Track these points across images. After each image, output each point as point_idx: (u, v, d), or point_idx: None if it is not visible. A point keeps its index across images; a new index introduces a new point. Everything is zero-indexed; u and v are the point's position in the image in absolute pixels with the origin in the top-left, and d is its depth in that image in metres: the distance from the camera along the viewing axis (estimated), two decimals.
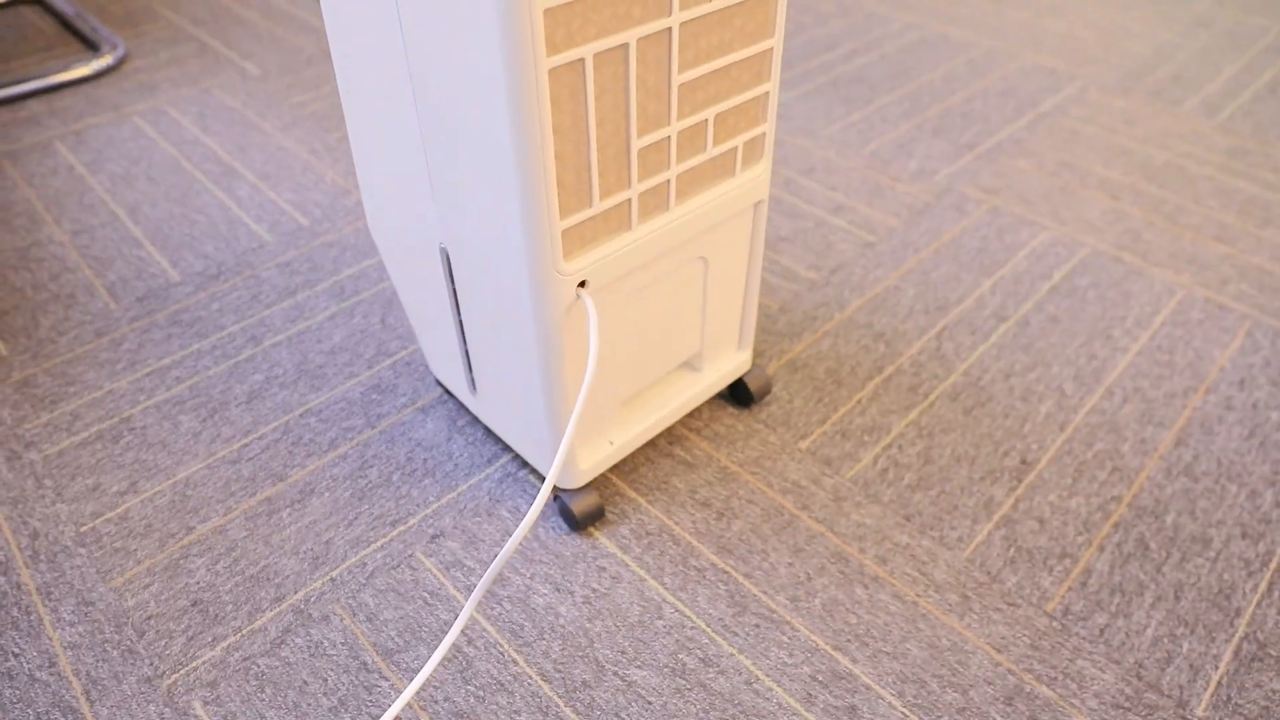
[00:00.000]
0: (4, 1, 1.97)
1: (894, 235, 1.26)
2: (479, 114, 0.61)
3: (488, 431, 0.97)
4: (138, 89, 1.65)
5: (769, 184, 0.82)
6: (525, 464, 0.94)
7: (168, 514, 0.91)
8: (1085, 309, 1.14)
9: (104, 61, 1.69)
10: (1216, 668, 0.78)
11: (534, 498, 0.91)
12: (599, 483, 0.92)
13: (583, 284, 0.70)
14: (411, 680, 0.75)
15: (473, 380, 0.89)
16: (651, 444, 0.96)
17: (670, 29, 0.64)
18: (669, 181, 0.71)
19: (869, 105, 1.59)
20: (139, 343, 1.10)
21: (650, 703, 0.75)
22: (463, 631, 0.80)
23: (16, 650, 0.80)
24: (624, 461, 0.94)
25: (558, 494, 0.86)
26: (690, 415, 0.99)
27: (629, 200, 0.69)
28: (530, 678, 0.76)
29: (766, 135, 0.78)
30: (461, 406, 1.00)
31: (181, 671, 0.78)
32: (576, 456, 0.83)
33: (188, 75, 1.69)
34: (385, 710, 0.75)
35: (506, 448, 0.95)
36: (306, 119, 1.54)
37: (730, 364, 0.94)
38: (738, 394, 0.99)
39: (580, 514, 0.85)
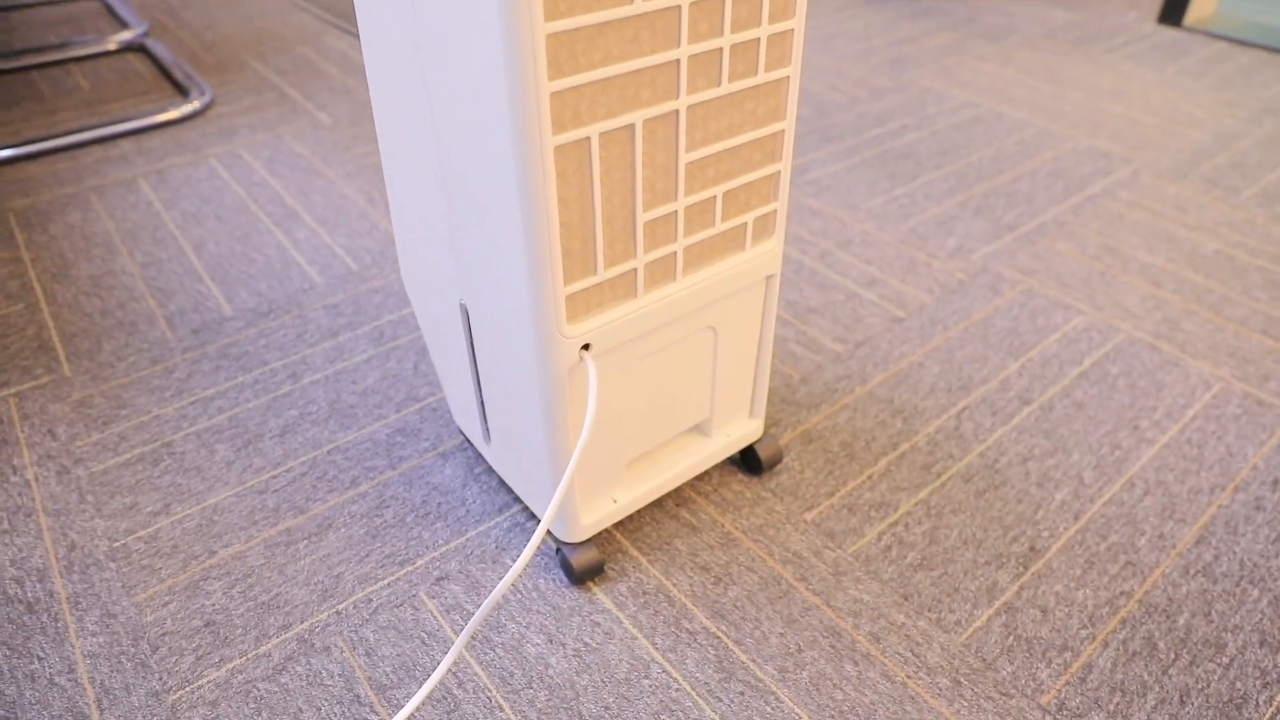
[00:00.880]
0: (114, 49, 2.13)
1: (924, 312, 1.27)
2: (491, 182, 0.65)
3: (501, 481, 1.00)
4: (218, 133, 1.76)
5: (781, 259, 0.84)
6: (534, 515, 0.96)
7: (194, 537, 0.95)
8: (1114, 397, 1.13)
9: (191, 106, 1.81)
10: None
11: (543, 550, 0.93)
12: (602, 538, 0.94)
13: (586, 347, 0.73)
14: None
15: (487, 430, 0.92)
16: (658, 504, 0.97)
17: (678, 111, 0.67)
18: (676, 253, 0.74)
19: (914, 181, 1.61)
20: (188, 372, 1.16)
21: None
22: (454, 674, 0.82)
23: (41, 654, 0.85)
24: (629, 519, 0.96)
25: (559, 546, 0.89)
26: (699, 478, 1.00)
27: (634, 270, 0.72)
28: None
29: (778, 212, 0.80)
30: (479, 455, 1.03)
31: (187, 689, 0.81)
32: (578, 512, 0.85)
33: (265, 122, 1.80)
34: None
35: (518, 498, 0.98)
36: (368, 169, 1.63)
37: (740, 431, 0.96)
38: (748, 461, 1.00)
39: (579, 568, 0.87)
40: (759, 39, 0.69)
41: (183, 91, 1.91)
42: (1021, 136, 1.78)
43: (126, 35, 2.16)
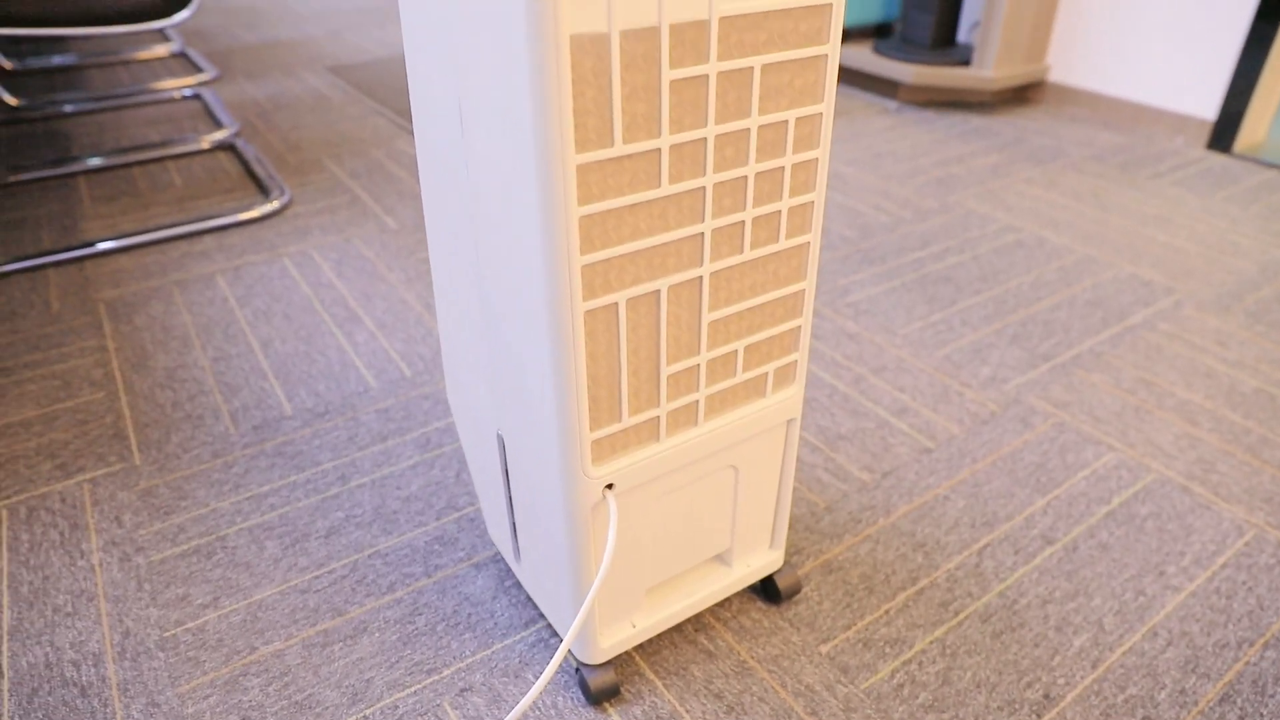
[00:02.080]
0: (207, 148, 2.30)
1: (953, 443, 1.29)
2: (526, 337, 0.72)
3: (529, 596, 1.04)
4: (293, 232, 1.89)
5: (802, 404, 0.88)
6: (557, 633, 1.00)
7: (238, 632, 1.01)
8: (1141, 540, 1.13)
9: (271, 206, 1.95)
10: None
11: (563, 667, 0.96)
12: (621, 660, 0.97)
13: (610, 486, 0.78)
14: None
15: (517, 548, 0.97)
16: (677, 628, 1.00)
17: (702, 277, 0.73)
18: (698, 401, 0.79)
19: (952, 306, 1.65)
20: (246, 468, 1.24)
21: None
22: None
23: None
24: (649, 642, 0.99)
25: (579, 666, 0.92)
26: (719, 604, 1.03)
27: (658, 417, 0.77)
28: None
29: (799, 362, 0.85)
30: (509, 569, 1.08)
31: None
32: (598, 635, 0.89)
33: (336, 224, 1.92)
34: None
35: (543, 614, 1.02)
36: (427, 275, 1.73)
37: (761, 561, 0.99)
38: (768, 589, 1.03)
39: (596, 689, 0.90)
40: (780, 211, 0.75)
41: (264, 191, 2.06)
42: (1062, 263, 1.81)
43: (219, 135, 2.33)
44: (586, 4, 0.57)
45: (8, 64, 2.95)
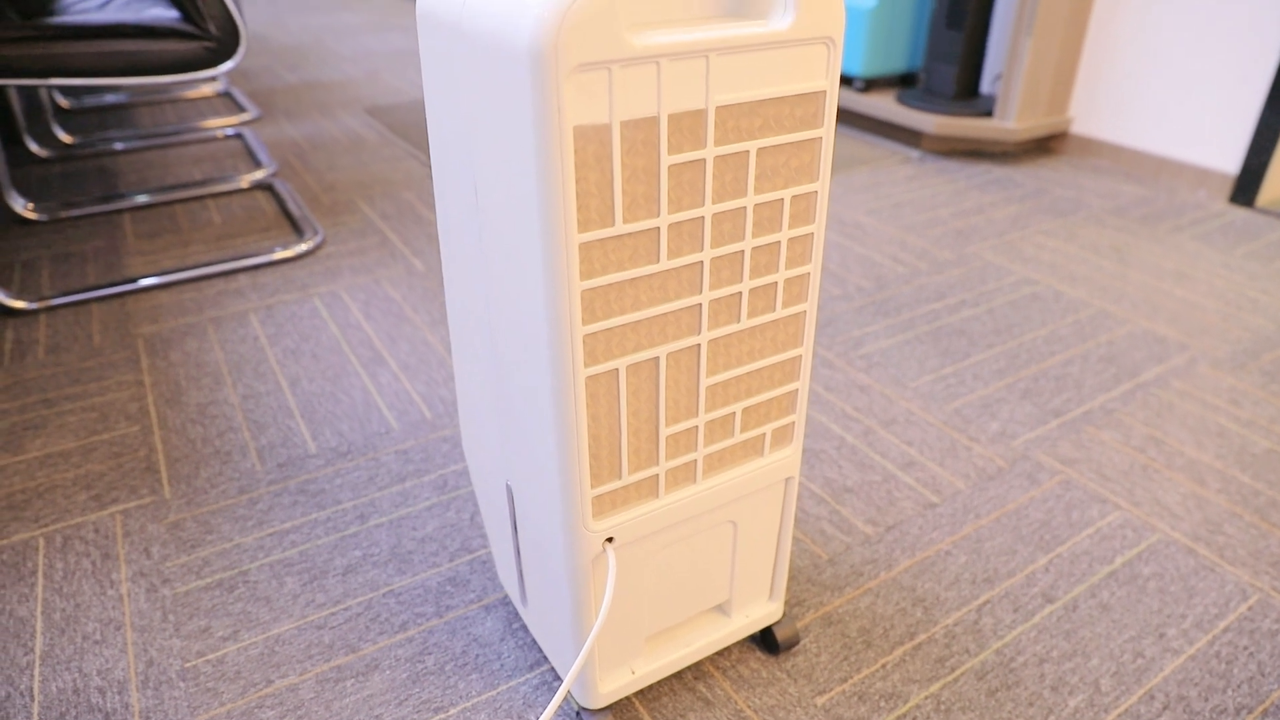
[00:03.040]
0: (246, 187, 2.39)
1: (958, 498, 1.31)
2: (531, 400, 0.76)
3: (535, 640, 1.07)
4: (324, 272, 1.95)
5: (799, 463, 0.92)
6: (560, 677, 1.03)
7: (255, 665, 1.05)
8: (1142, 601, 1.14)
9: (304, 246, 2.02)
10: None
11: (563, 710, 0.99)
12: (621, 705, 1.00)
13: (610, 539, 0.81)
14: None
15: (524, 593, 1.00)
16: (677, 675, 1.03)
17: (700, 344, 0.77)
18: (696, 460, 0.83)
19: (965, 359, 1.67)
20: (270, 505, 1.29)
21: None
22: None
23: None
24: (649, 689, 1.02)
25: (580, 711, 0.95)
26: (719, 653, 1.06)
27: (657, 475, 0.81)
28: None
29: (796, 423, 0.88)
30: (517, 612, 1.11)
31: None
32: (597, 681, 0.92)
33: (365, 265, 1.99)
34: None
35: (548, 658, 1.05)
36: None
37: (760, 612, 1.01)
38: (766, 640, 1.05)
39: None
40: (777, 282, 0.79)
41: (298, 231, 2.13)
42: (1078, 317, 1.83)
43: (258, 175, 2.42)
44: (589, 98, 0.62)
45: (65, 103, 3.09)
